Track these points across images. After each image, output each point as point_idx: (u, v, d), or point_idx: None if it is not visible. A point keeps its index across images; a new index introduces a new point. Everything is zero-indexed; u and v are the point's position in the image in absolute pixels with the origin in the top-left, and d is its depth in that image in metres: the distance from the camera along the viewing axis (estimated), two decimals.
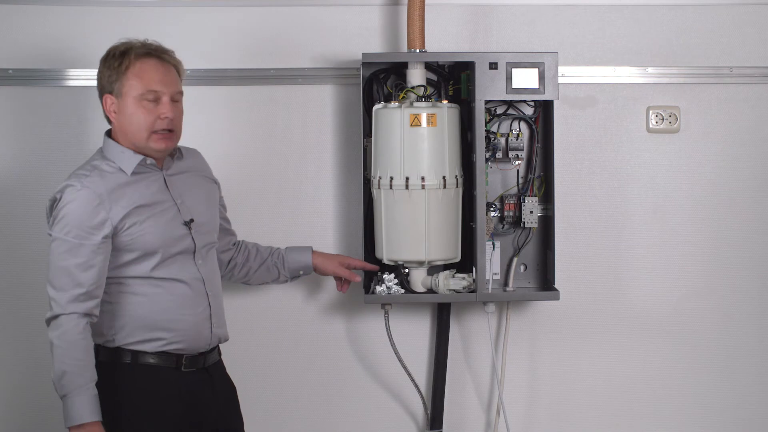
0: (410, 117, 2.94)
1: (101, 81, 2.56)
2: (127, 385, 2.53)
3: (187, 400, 2.57)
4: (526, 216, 3.10)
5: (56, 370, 2.43)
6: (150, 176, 2.57)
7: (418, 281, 3.05)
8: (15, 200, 3.22)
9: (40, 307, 2.55)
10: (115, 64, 2.51)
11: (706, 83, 3.26)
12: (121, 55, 2.51)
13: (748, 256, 3.31)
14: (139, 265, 2.52)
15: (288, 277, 2.97)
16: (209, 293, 2.62)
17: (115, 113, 2.54)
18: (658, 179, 3.28)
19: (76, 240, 2.44)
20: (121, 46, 2.55)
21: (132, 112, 2.52)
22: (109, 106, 2.54)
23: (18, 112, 3.21)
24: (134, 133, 2.53)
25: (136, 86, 2.51)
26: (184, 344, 2.57)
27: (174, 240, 2.56)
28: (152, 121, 2.53)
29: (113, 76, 2.51)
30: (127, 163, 2.54)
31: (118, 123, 2.55)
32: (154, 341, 2.54)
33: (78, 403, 2.42)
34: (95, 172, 2.51)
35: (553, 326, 3.30)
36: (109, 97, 2.53)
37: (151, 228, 2.52)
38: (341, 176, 3.24)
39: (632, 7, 3.25)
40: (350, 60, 3.19)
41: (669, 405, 3.33)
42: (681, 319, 3.32)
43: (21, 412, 3.25)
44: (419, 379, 3.27)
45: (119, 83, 2.51)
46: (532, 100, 3.11)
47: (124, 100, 2.51)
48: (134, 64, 2.51)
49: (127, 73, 2.50)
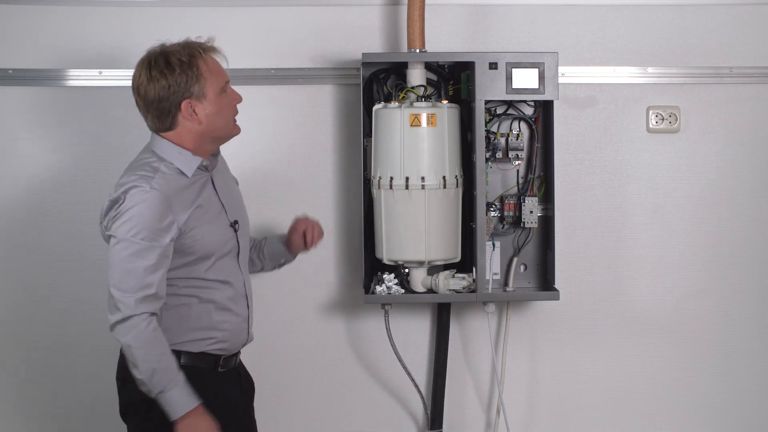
0: (410, 117, 2.94)
1: (174, 90, 2.47)
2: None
3: (220, 401, 2.57)
4: (526, 216, 3.10)
5: (143, 370, 2.40)
6: (201, 178, 2.55)
7: (418, 281, 3.05)
8: (14, 200, 3.22)
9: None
10: (188, 70, 2.47)
11: (706, 83, 3.26)
12: (190, 59, 2.48)
13: (748, 256, 3.31)
14: (195, 267, 2.51)
15: (270, 267, 2.95)
16: (248, 294, 2.64)
17: (195, 115, 2.50)
18: (658, 179, 3.28)
19: (145, 242, 2.40)
20: (182, 51, 2.48)
21: (219, 107, 2.52)
22: (187, 110, 2.49)
23: (18, 112, 3.21)
24: (223, 127, 2.55)
25: (215, 82, 2.51)
26: (227, 344, 2.58)
27: (225, 242, 2.56)
28: (234, 109, 2.57)
29: (191, 81, 2.47)
30: (187, 164, 2.51)
31: (199, 124, 2.51)
32: (200, 341, 2.53)
33: (176, 394, 2.42)
34: (159, 174, 2.46)
35: (553, 326, 3.31)
36: (189, 102, 2.48)
37: (208, 230, 2.51)
38: (341, 176, 3.24)
39: (632, 7, 3.25)
40: (350, 60, 3.19)
41: (669, 405, 3.33)
42: (681, 319, 3.32)
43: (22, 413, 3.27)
44: (419, 379, 3.27)
45: (198, 85, 2.48)
46: (532, 100, 3.12)
47: (208, 98, 2.50)
48: (207, 62, 2.50)
49: (204, 73, 2.49)
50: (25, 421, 3.27)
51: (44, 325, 3.25)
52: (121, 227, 2.41)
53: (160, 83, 2.45)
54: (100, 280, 2.60)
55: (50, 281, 3.24)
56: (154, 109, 2.48)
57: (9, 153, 3.22)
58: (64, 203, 3.23)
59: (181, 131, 2.50)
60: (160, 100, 2.47)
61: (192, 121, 2.49)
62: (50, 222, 3.23)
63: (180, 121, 2.49)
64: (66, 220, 3.23)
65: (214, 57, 2.53)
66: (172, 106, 2.47)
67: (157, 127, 2.51)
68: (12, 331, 3.26)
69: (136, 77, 2.49)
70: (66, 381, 3.26)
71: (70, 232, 3.23)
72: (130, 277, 2.39)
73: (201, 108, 2.49)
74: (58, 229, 3.23)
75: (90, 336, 3.23)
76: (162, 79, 2.45)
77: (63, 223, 3.23)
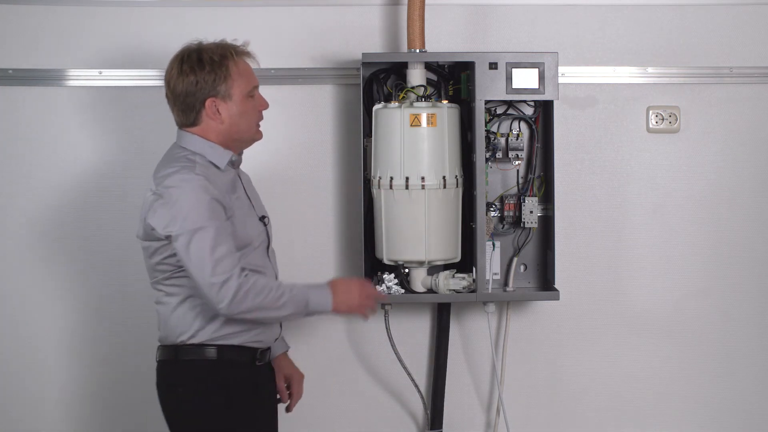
0: (410, 117, 2.94)
1: (201, 86, 2.50)
2: (212, 380, 2.52)
3: (262, 394, 2.61)
4: (526, 216, 3.10)
5: (283, 305, 2.45)
6: (230, 173, 2.58)
7: (418, 281, 3.05)
8: (13, 201, 3.22)
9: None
10: (218, 69, 2.50)
11: (706, 83, 3.26)
12: (221, 59, 2.51)
13: (748, 256, 3.31)
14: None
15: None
16: None
17: (219, 114, 2.52)
18: (658, 179, 3.28)
19: (217, 222, 2.42)
20: (215, 49, 2.52)
21: (244, 110, 2.54)
22: (211, 108, 2.52)
23: (18, 112, 3.21)
24: (246, 130, 2.57)
25: (243, 85, 2.53)
26: (264, 336, 2.60)
27: (258, 234, 2.59)
28: (258, 115, 2.60)
29: (218, 80, 2.50)
30: (219, 157, 2.54)
31: (221, 123, 2.53)
32: (240, 333, 2.54)
33: (314, 297, 2.50)
34: (196, 165, 2.49)
35: (553, 326, 3.31)
36: (214, 101, 2.51)
37: (245, 220, 2.55)
38: (341, 176, 3.24)
39: (632, 7, 3.25)
40: (350, 60, 3.19)
41: (669, 405, 3.33)
42: (681, 319, 3.32)
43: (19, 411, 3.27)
44: (419, 379, 3.27)
45: (225, 85, 2.51)
46: (532, 100, 3.12)
47: (233, 99, 2.52)
48: (237, 64, 2.53)
49: (232, 74, 2.51)
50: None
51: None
52: (186, 221, 2.41)
53: (188, 78, 2.50)
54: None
55: None
56: (180, 103, 2.53)
57: (9, 153, 3.22)
58: (63, 203, 3.23)
59: (205, 128, 2.54)
60: (186, 94, 2.51)
61: (215, 120, 2.53)
62: (51, 221, 3.24)
63: (203, 119, 2.53)
64: (65, 220, 3.23)
65: (246, 61, 2.57)
66: (197, 102, 2.51)
67: (182, 121, 2.55)
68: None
69: (168, 70, 2.54)
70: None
71: (70, 231, 3.23)
72: (216, 259, 2.40)
73: (225, 108, 2.52)
74: (57, 229, 3.24)
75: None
76: (191, 75, 2.50)
77: (61, 224, 3.23)
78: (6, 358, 3.26)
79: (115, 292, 3.25)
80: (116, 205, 3.22)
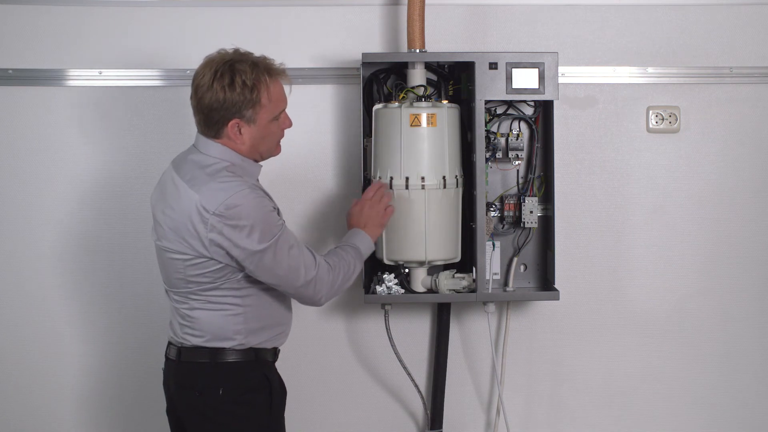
0: (410, 117, 2.94)
1: (228, 107, 2.46)
2: (272, 380, 2.61)
3: (282, 392, 2.68)
4: (526, 216, 3.10)
5: (355, 267, 2.67)
6: (255, 183, 2.59)
7: (418, 281, 3.05)
8: (11, 202, 3.22)
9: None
10: (248, 93, 2.46)
11: (706, 83, 3.26)
12: (254, 83, 2.47)
13: (748, 256, 3.31)
14: None
15: None
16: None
17: (240, 135, 2.50)
18: (658, 179, 3.28)
19: (283, 226, 2.51)
20: (250, 71, 2.47)
21: (266, 134, 2.54)
22: (233, 129, 2.49)
23: (18, 112, 3.21)
24: (265, 151, 2.58)
25: (269, 110, 2.52)
26: (286, 336, 2.70)
27: None
28: (280, 134, 2.60)
29: (246, 105, 2.47)
30: (251, 169, 2.56)
31: (242, 144, 2.51)
32: (275, 337, 2.63)
33: (359, 241, 2.75)
34: (242, 176, 2.49)
35: (553, 326, 3.31)
36: (238, 122, 2.48)
37: None
38: (341, 176, 3.24)
39: (632, 7, 3.25)
40: (350, 60, 3.19)
41: (669, 405, 3.33)
42: (681, 319, 3.32)
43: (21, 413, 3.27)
44: (419, 379, 3.27)
45: (252, 110, 2.48)
46: (532, 100, 3.12)
47: (257, 124, 2.51)
48: (269, 90, 2.50)
49: (261, 100, 2.48)
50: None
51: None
52: (264, 234, 2.45)
53: (217, 95, 2.45)
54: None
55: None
56: (204, 115, 2.49)
57: (9, 153, 3.22)
58: (63, 203, 3.23)
59: (227, 143, 2.52)
60: (211, 109, 2.47)
61: (235, 140, 2.51)
62: (50, 223, 3.24)
63: (225, 134, 2.50)
64: (65, 220, 3.23)
65: (280, 82, 2.54)
66: (221, 119, 2.48)
67: (203, 131, 2.53)
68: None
69: (199, 75, 2.49)
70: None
71: (69, 231, 3.24)
72: (304, 262, 2.52)
73: (247, 131, 2.51)
74: (56, 229, 3.24)
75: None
76: (221, 92, 2.45)
77: (60, 223, 3.23)
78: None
79: (115, 292, 3.25)
80: (116, 205, 3.22)
